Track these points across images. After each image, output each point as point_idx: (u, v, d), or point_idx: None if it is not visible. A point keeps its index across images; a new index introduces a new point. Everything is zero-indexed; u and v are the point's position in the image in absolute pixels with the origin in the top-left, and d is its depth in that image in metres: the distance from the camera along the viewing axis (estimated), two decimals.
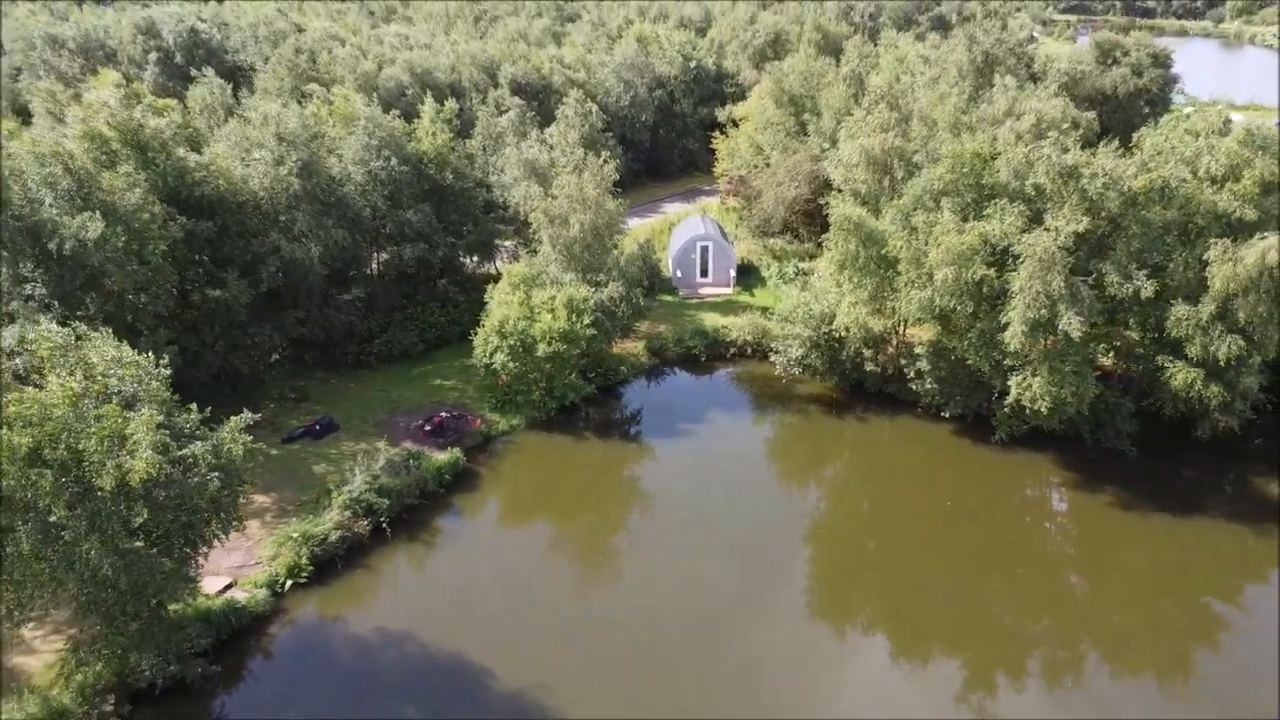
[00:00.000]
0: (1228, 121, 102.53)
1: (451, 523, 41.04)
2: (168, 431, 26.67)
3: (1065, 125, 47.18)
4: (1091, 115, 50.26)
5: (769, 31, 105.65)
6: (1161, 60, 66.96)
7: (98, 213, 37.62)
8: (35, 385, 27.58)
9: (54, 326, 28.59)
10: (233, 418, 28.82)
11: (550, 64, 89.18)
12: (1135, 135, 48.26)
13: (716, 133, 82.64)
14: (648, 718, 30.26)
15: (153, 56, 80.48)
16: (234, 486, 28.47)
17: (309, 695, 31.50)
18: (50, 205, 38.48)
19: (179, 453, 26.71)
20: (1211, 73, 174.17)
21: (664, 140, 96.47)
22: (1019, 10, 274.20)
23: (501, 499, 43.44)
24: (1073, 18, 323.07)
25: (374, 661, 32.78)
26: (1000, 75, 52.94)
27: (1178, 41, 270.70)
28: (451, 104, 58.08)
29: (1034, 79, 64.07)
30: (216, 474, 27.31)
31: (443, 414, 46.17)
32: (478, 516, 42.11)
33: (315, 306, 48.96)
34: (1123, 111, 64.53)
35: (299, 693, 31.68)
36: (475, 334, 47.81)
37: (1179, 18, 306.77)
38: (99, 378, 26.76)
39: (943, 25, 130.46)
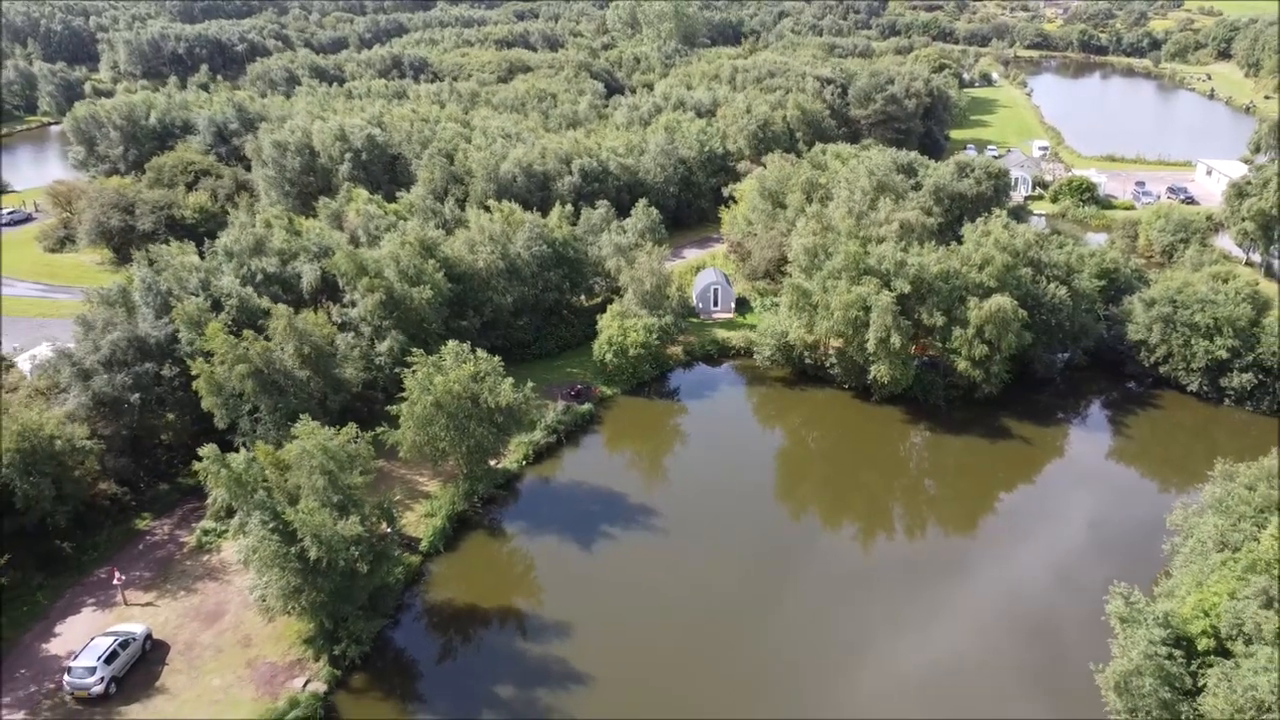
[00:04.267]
0: (1087, 191, 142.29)
1: (592, 438, 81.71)
2: (506, 384, 67.21)
3: (920, 225, 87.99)
4: (933, 221, 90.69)
5: (759, 119, 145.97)
6: (995, 175, 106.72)
7: (428, 285, 78.20)
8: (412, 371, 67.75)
9: (453, 343, 68.81)
10: (529, 382, 69.47)
11: (607, 153, 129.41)
12: (962, 229, 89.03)
13: (722, 207, 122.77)
14: (687, 495, 70.86)
15: (347, 155, 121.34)
16: (530, 410, 69.06)
17: (543, 504, 72.06)
18: (395, 281, 79.07)
19: (515, 394, 67.14)
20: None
21: (684, 202, 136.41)
22: (980, 56, 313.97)
23: (614, 429, 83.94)
24: (1035, 53, 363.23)
25: (573, 491, 73.36)
26: (884, 196, 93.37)
27: (1123, 82, 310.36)
28: (569, 208, 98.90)
29: (917, 186, 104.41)
30: (524, 404, 67.91)
31: (578, 386, 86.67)
32: (604, 435, 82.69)
33: (504, 328, 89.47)
34: (972, 204, 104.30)
35: (539, 503, 72.27)
36: (592, 342, 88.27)
37: (1127, 55, 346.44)
38: (480, 364, 67.32)
39: (895, 101, 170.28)
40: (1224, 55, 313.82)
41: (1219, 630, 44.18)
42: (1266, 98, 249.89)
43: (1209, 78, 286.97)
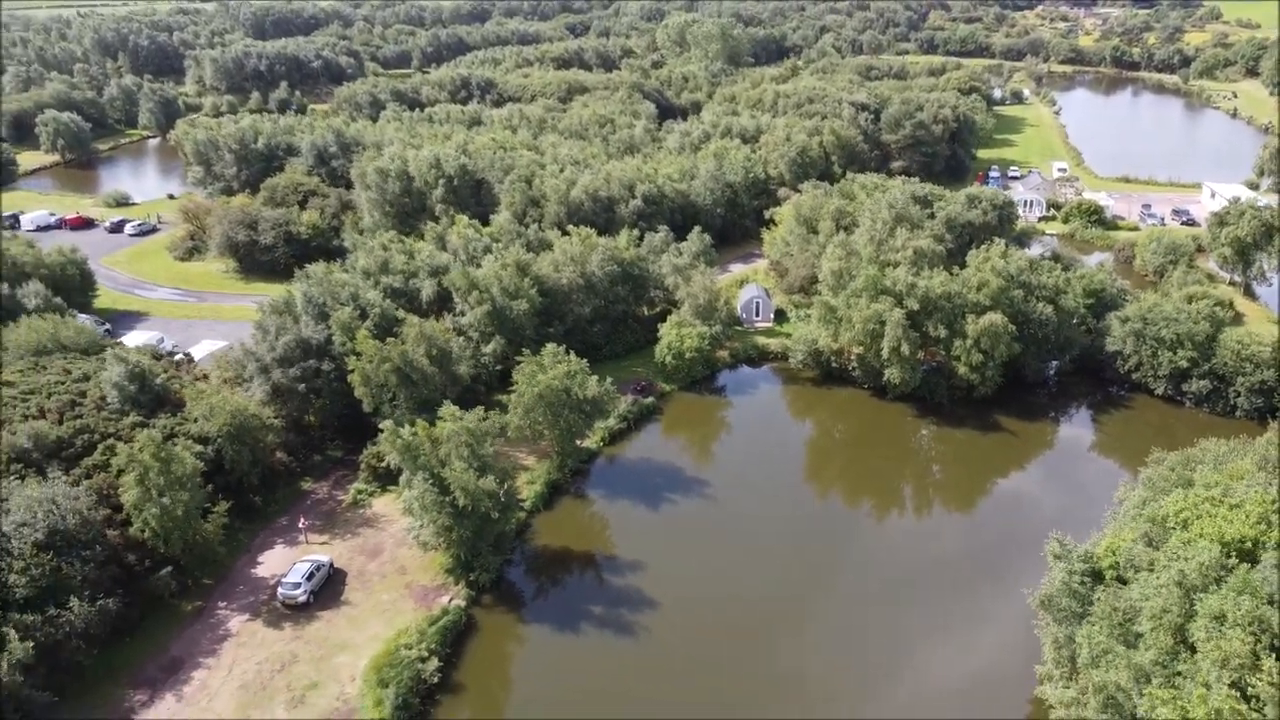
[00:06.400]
0: (1095, 214, 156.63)
1: (654, 425, 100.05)
2: (593, 380, 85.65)
3: (931, 252, 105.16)
4: (941, 249, 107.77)
5: (798, 147, 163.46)
6: (999, 205, 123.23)
7: (524, 299, 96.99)
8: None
9: (551, 346, 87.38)
10: (608, 379, 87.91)
11: (663, 179, 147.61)
12: (968, 254, 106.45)
13: (763, 228, 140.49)
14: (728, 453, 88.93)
15: (441, 181, 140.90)
16: (609, 401, 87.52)
17: (618, 476, 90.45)
18: (498, 296, 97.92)
19: (599, 388, 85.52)
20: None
21: (730, 221, 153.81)
22: (1014, 72, 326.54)
23: (673, 418, 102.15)
24: (1068, 68, 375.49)
25: (640, 466, 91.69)
26: (902, 226, 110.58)
27: (1153, 99, 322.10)
28: (635, 233, 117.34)
29: (932, 215, 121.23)
30: (605, 396, 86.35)
31: (642, 383, 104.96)
32: (664, 423, 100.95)
33: (581, 334, 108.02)
34: (979, 232, 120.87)
35: (614, 475, 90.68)
36: (653, 346, 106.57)
37: (1158, 71, 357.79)
38: (571, 364, 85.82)
39: (923, 127, 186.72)
40: (1252, 73, 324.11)
41: (1119, 564, 61.22)
42: None
43: (1234, 96, 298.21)
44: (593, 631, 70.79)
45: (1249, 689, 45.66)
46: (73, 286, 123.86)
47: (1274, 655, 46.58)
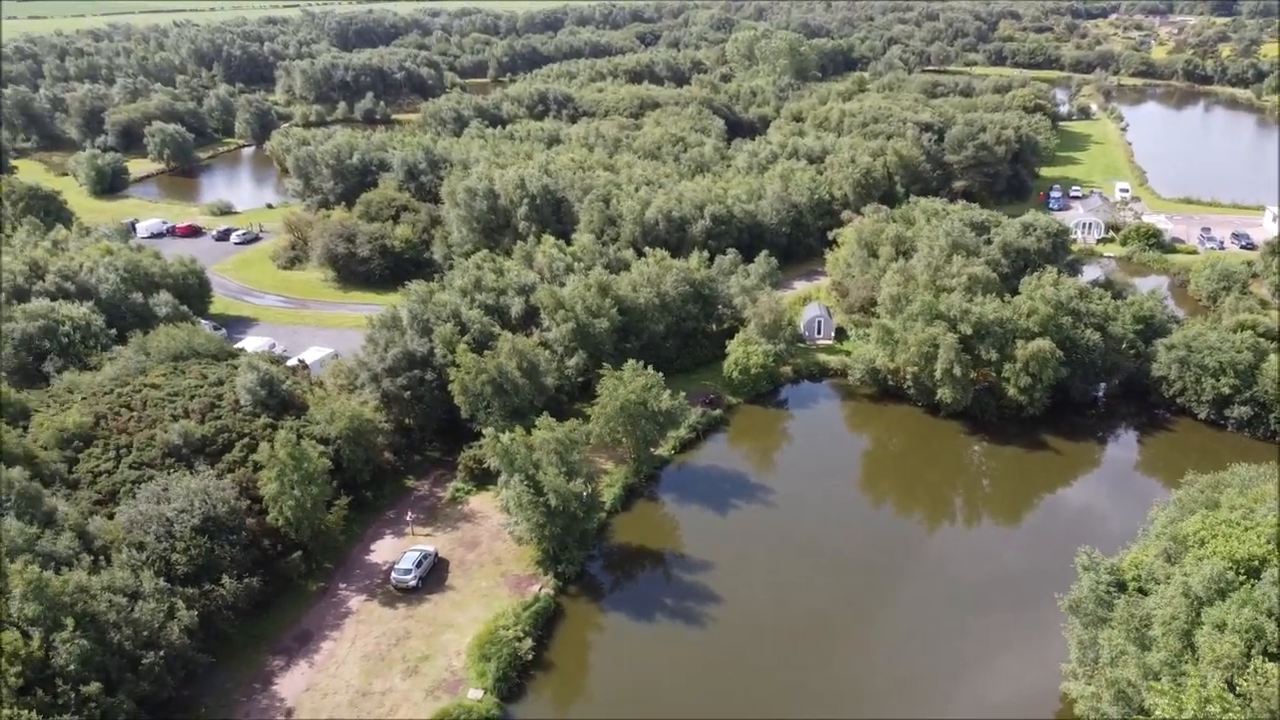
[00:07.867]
0: (1153, 236, 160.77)
1: (721, 435, 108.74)
2: (666, 393, 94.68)
3: (985, 278, 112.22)
4: (993, 275, 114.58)
5: (862, 168, 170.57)
6: (1053, 233, 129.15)
7: (605, 317, 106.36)
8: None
9: (631, 362, 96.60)
10: (681, 392, 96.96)
11: (731, 199, 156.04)
12: (1022, 279, 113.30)
13: (826, 248, 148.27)
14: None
15: (525, 200, 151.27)
16: (681, 413, 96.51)
17: (688, 481, 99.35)
18: (581, 314, 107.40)
19: (673, 401, 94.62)
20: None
21: (794, 240, 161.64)
22: (1084, 84, 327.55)
23: (739, 429, 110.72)
24: (1139, 81, 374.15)
25: (709, 473, 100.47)
26: (958, 253, 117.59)
27: (1225, 114, 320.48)
28: (705, 254, 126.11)
29: (989, 241, 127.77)
30: (678, 408, 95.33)
31: (710, 395, 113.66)
32: (731, 433, 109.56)
33: (655, 349, 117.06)
34: (1034, 258, 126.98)
35: (685, 480, 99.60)
36: (721, 361, 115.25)
37: (1232, 85, 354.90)
38: (649, 378, 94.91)
39: (986, 148, 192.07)
40: None
41: (1141, 577, 68.29)
42: None
43: None
44: (664, 622, 79.67)
45: (1239, 687, 52.88)
46: (193, 294, 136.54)
47: (1265, 659, 53.69)
